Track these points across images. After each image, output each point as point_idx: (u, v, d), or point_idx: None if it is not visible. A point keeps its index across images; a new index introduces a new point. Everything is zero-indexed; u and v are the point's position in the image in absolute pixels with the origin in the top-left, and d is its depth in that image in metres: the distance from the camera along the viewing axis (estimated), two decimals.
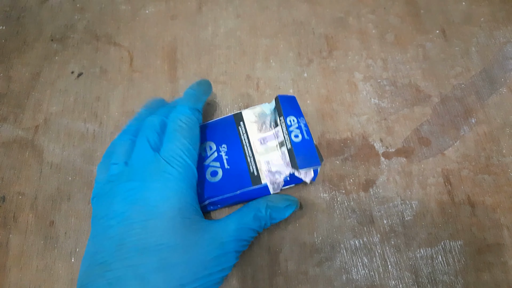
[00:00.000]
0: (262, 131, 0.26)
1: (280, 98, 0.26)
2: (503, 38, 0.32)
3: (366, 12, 0.34)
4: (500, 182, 0.27)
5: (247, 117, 0.26)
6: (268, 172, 0.25)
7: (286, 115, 0.25)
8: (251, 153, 0.25)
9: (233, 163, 0.25)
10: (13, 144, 0.31)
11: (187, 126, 0.24)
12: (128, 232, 0.20)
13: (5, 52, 0.35)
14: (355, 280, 0.25)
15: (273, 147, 0.25)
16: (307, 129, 0.24)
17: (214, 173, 0.25)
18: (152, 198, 0.21)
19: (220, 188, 0.25)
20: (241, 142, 0.26)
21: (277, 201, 0.25)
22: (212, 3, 0.36)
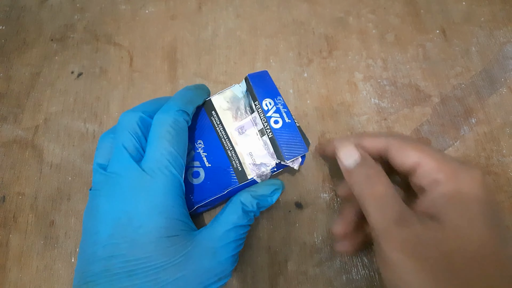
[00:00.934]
0: (238, 119, 0.23)
1: (251, 78, 0.23)
2: (503, 38, 0.32)
3: (366, 12, 0.34)
4: (500, 182, 0.27)
5: (218, 104, 0.24)
6: (253, 165, 0.23)
7: (261, 99, 0.22)
8: (230, 146, 0.23)
9: (214, 160, 0.23)
10: (13, 144, 0.31)
11: (174, 131, 0.21)
12: (114, 253, 0.19)
13: (5, 52, 0.35)
14: (355, 280, 0.25)
15: (253, 135, 0.23)
16: (286, 110, 0.22)
17: (196, 173, 0.23)
18: (135, 217, 0.19)
19: (205, 190, 0.23)
20: (217, 135, 0.23)
21: (262, 189, 0.23)
22: (212, 3, 0.36)
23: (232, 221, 0.22)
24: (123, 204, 0.20)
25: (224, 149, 0.23)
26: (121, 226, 0.19)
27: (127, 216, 0.20)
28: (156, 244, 0.19)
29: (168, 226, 0.20)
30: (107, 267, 0.19)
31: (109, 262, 0.19)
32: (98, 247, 0.20)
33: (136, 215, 0.19)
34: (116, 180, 0.21)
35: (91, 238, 0.20)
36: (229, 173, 0.23)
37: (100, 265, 0.19)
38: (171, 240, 0.20)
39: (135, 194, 0.20)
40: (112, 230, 0.20)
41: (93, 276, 0.19)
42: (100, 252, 0.19)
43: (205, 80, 0.32)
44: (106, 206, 0.20)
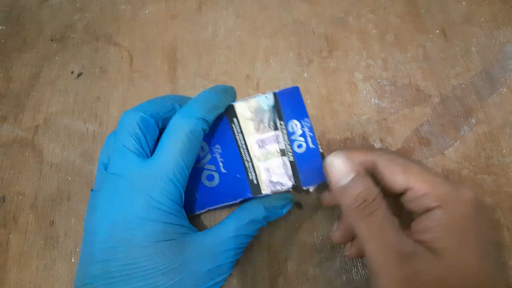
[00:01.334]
0: (259, 131, 0.23)
1: (280, 96, 0.22)
2: (503, 38, 0.32)
3: (366, 12, 0.34)
4: (500, 182, 0.27)
5: (241, 111, 0.23)
6: (269, 181, 0.22)
7: (287, 120, 0.21)
8: (248, 157, 0.23)
9: (230, 168, 0.23)
10: (13, 144, 0.31)
11: (188, 140, 0.20)
12: (111, 256, 0.19)
13: (5, 52, 0.35)
14: (355, 280, 0.25)
15: (273, 152, 0.22)
16: (312, 135, 0.21)
17: (210, 177, 0.23)
18: (133, 220, 0.19)
19: (218, 194, 0.23)
20: (236, 144, 0.23)
21: (274, 201, 0.23)
22: (212, 3, 0.36)
23: (240, 228, 0.21)
24: (120, 207, 0.20)
25: (242, 158, 0.23)
26: (118, 229, 0.19)
27: (124, 219, 0.19)
28: (154, 248, 0.19)
29: (166, 230, 0.19)
30: (105, 269, 0.19)
31: (106, 265, 0.19)
32: (96, 249, 0.19)
33: (133, 219, 0.19)
34: (114, 181, 0.20)
35: (89, 239, 0.20)
36: (243, 183, 0.23)
37: (98, 267, 0.19)
38: (169, 244, 0.19)
39: (132, 197, 0.19)
40: (109, 233, 0.19)
41: (91, 278, 0.19)
42: (97, 254, 0.19)
43: (205, 80, 0.32)
44: (104, 207, 0.20)
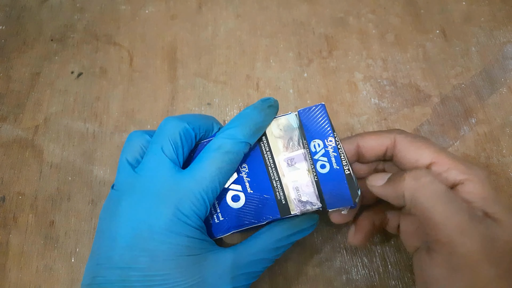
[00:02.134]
0: (288, 150, 0.22)
1: (301, 114, 0.21)
2: (503, 38, 0.32)
3: (366, 12, 0.34)
4: (500, 182, 0.27)
5: (270, 129, 0.22)
6: (298, 201, 0.21)
7: (309, 139, 0.21)
8: (276, 176, 0.22)
9: (257, 187, 0.22)
10: (13, 144, 0.31)
11: (229, 162, 0.20)
12: (132, 264, 0.19)
13: (5, 52, 0.35)
14: (355, 280, 0.25)
15: (303, 170, 0.21)
16: (336, 155, 0.20)
17: (235, 197, 0.22)
18: (157, 231, 0.19)
19: (244, 216, 0.22)
20: (264, 163, 0.22)
21: (301, 223, 0.22)
22: (212, 3, 0.36)
23: (262, 252, 0.21)
24: (147, 214, 0.19)
25: (269, 178, 0.22)
26: (142, 239, 0.19)
27: (149, 228, 0.19)
28: (176, 262, 0.19)
29: (190, 245, 0.19)
30: (123, 277, 0.19)
31: (126, 273, 0.19)
32: (115, 254, 0.19)
33: (159, 230, 0.19)
34: (145, 185, 0.20)
35: (107, 241, 0.20)
36: (271, 203, 0.22)
37: (116, 273, 0.19)
38: (191, 260, 0.19)
39: (161, 207, 0.19)
40: (131, 240, 0.19)
41: (108, 284, 0.19)
42: (117, 259, 0.19)
43: (205, 80, 0.32)
44: (129, 212, 0.19)
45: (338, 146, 0.20)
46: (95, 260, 0.20)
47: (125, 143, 0.22)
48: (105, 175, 0.29)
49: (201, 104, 0.31)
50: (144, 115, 0.31)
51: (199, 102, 0.31)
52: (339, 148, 0.20)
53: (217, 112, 0.31)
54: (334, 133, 0.20)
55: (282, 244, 0.21)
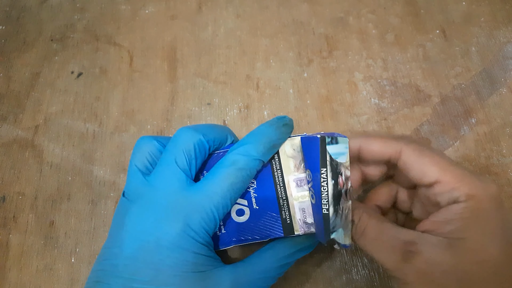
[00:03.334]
0: (299, 170, 0.22)
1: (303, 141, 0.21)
2: (503, 38, 0.32)
3: (366, 12, 0.34)
4: (500, 182, 0.27)
5: (283, 148, 0.22)
6: (303, 222, 0.21)
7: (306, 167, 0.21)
8: (284, 195, 0.22)
9: (263, 204, 0.22)
10: (13, 144, 0.31)
11: (241, 179, 0.20)
12: (136, 276, 0.18)
13: (5, 52, 0.35)
14: (355, 280, 0.25)
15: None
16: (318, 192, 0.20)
17: (240, 212, 0.22)
18: (164, 245, 0.18)
19: (247, 231, 0.22)
20: (273, 180, 0.22)
21: (303, 241, 0.22)
22: (212, 3, 0.36)
23: (267, 271, 0.21)
24: (155, 226, 0.19)
25: (277, 196, 0.22)
26: (147, 251, 0.19)
27: (156, 242, 0.19)
28: (182, 278, 0.18)
29: (196, 261, 0.19)
30: (127, 285, 0.18)
31: (129, 284, 0.18)
32: (120, 263, 0.19)
33: (165, 244, 0.19)
34: (155, 195, 0.20)
35: (114, 249, 0.19)
36: (275, 221, 0.22)
37: (120, 283, 0.18)
38: (196, 276, 0.19)
39: (170, 220, 0.19)
40: (137, 251, 0.19)
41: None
42: (121, 268, 0.19)
43: (205, 80, 0.32)
44: (136, 222, 0.19)
45: (322, 183, 0.20)
46: (100, 265, 0.20)
47: (134, 149, 0.22)
48: (105, 175, 0.29)
49: (201, 104, 0.31)
50: (144, 115, 0.31)
51: (199, 102, 0.31)
52: (322, 185, 0.20)
53: (217, 112, 0.31)
54: (323, 169, 0.20)
55: (284, 262, 0.21)
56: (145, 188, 0.20)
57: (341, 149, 0.20)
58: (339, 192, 0.20)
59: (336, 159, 0.20)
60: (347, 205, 0.20)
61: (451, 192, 0.18)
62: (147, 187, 0.20)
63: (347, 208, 0.20)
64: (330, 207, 0.19)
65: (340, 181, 0.20)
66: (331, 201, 0.19)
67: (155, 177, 0.20)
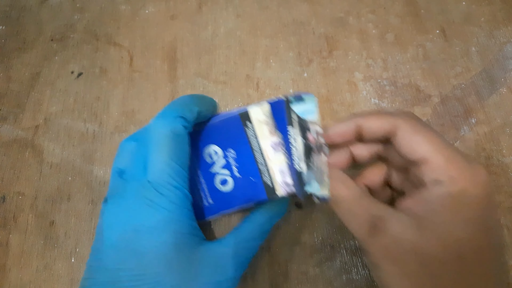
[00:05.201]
0: (274, 135, 0.23)
1: (272, 106, 0.22)
2: (503, 38, 0.32)
3: (366, 12, 0.34)
4: (500, 182, 0.27)
5: (256, 116, 0.23)
6: (284, 183, 0.22)
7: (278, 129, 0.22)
8: (263, 160, 0.22)
9: (244, 172, 0.23)
10: (13, 144, 0.31)
11: (173, 142, 0.20)
12: (121, 265, 0.19)
13: (5, 52, 0.35)
14: (355, 280, 0.25)
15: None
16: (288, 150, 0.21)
17: (224, 181, 0.23)
18: (142, 232, 0.19)
19: (232, 199, 0.23)
20: (250, 148, 0.23)
21: (276, 207, 0.23)
22: (212, 3, 0.36)
23: (248, 240, 0.22)
24: (129, 216, 0.19)
25: (256, 162, 0.23)
26: (128, 239, 0.19)
27: (134, 229, 0.19)
28: (165, 260, 0.19)
29: (177, 242, 0.19)
30: (114, 278, 0.19)
31: (116, 274, 0.19)
32: (104, 256, 0.19)
33: (143, 229, 0.19)
34: (126, 189, 0.20)
35: (98, 244, 0.20)
36: (258, 186, 0.22)
37: (107, 275, 0.19)
38: (180, 256, 0.19)
39: (141, 209, 0.19)
40: (117, 242, 0.19)
41: (99, 285, 0.19)
42: (106, 261, 0.19)
43: (205, 80, 0.32)
44: (113, 215, 0.20)
45: (290, 141, 0.21)
46: (88, 262, 0.20)
47: (116, 154, 0.23)
48: (105, 175, 0.29)
49: None
50: (144, 115, 0.31)
51: None
52: (291, 144, 0.21)
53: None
54: (289, 126, 0.21)
55: (263, 230, 0.22)
56: (119, 185, 0.21)
57: (308, 107, 0.22)
58: (310, 149, 0.21)
59: (304, 118, 0.21)
60: (321, 159, 0.21)
61: (437, 172, 0.18)
62: (120, 184, 0.21)
63: (321, 162, 0.21)
64: (301, 163, 0.21)
65: (310, 138, 0.21)
66: (301, 157, 0.21)
67: (127, 173, 0.21)
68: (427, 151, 0.19)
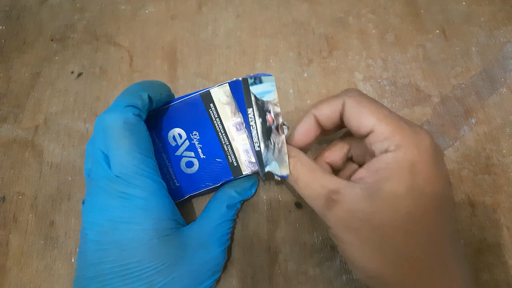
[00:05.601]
0: (236, 115, 0.23)
1: (231, 86, 0.22)
2: (503, 38, 0.32)
3: (366, 12, 0.34)
4: (500, 182, 0.27)
5: (218, 97, 0.23)
6: (249, 162, 0.23)
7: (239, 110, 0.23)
8: (227, 141, 0.23)
9: (209, 153, 0.23)
10: (13, 144, 0.31)
11: (129, 132, 0.19)
12: (103, 258, 0.19)
13: (5, 52, 0.35)
14: (355, 280, 0.25)
15: None
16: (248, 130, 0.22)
17: (189, 163, 0.23)
18: (120, 223, 0.19)
19: (199, 180, 0.23)
20: (214, 129, 0.23)
21: (243, 184, 0.25)
22: (212, 3, 0.36)
23: (221, 215, 0.23)
24: (104, 212, 0.20)
25: (220, 142, 0.23)
26: (106, 232, 0.19)
27: (110, 222, 0.19)
28: (147, 247, 0.19)
29: (157, 227, 0.19)
30: (98, 272, 0.19)
31: (99, 267, 0.19)
32: (88, 253, 0.20)
33: (121, 221, 0.19)
34: (95, 187, 0.20)
35: (82, 244, 0.20)
36: (224, 166, 0.23)
37: (91, 270, 0.19)
38: (161, 241, 0.19)
39: (113, 201, 0.19)
40: (97, 237, 0.19)
41: (86, 281, 0.19)
42: (89, 257, 0.19)
43: (205, 80, 0.32)
44: (89, 213, 0.20)
45: (249, 121, 0.21)
46: (76, 261, 0.21)
47: (85, 155, 0.23)
48: None
49: None
50: None
51: None
52: (251, 125, 0.21)
53: None
54: (249, 109, 0.21)
55: (232, 203, 0.24)
56: (89, 185, 0.21)
57: (267, 88, 0.22)
58: (269, 129, 0.21)
59: (262, 98, 0.21)
60: (280, 139, 0.22)
61: (383, 141, 0.19)
62: (90, 184, 0.21)
63: (280, 142, 0.22)
64: (260, 143, 0.21)
65: (269, 118, 0.22)
66: (260, 138, 0.21)
67: (92, 173, 0.21)
68: (372, 122, 0.19)
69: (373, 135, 0.19)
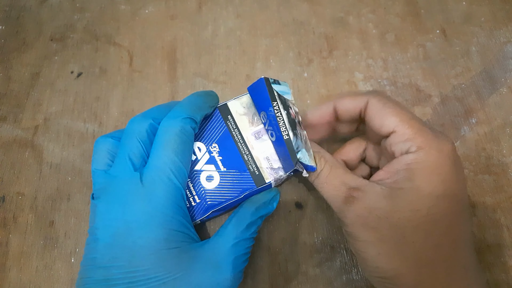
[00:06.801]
0: (254, 124, 0.23)
1: (250, 91, 0.23)
2: (503, 38, 0.32)
3: (366, 12, 0.34)
4: (500, 182, 0.27)
5: (234, 109, 0.24)
6: (270, 169, 0.23)
7: (259, 111, 0.23)
8: (247, 150, 0.23)
9: (230, 164, 0.23)
10: (13, 144, 0.31)
11: (180, 140, 0.20)
12: (113, 263, 0.19)
13: (5, 52, 0.35)
14: (355, 280, 0.25)
15: (269, 141, 0.23)
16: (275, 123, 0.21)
17: (209, 178, 0.23)
18: (134, 228, 0.19)
19: (220, 194, 0.23)
20: (233, 139, 0.23)
21: (263, 198, 0.24)
22: (212, 3, 0.36)
23: (237, 235, 0.21)
24: (122, 213, 0.19)
25: (240, 153, 0.23)
26: (120, 236, 0.19)
27: (126, 225, 0.19)
28: (156, 256, 0.19)
29: (168, 238, 0.19)
30: (107, 276, 0.19)
31: (108, 272, 0.19)
32: (97, 255, 0.19)
33: (135, 226, 0.19)
34: (116, 186, 0.20)
35: (92, 244, 0.20)
36: (245, 177, 0.23)
37: (100, 273, 0.19)
38: (171, 253, 0.19)
39: (134, 204, 0.19)
40: (110, 239, 0.19)
41: (93, 284, 0.19)
42: (99, 260, 0.19)
43: (205, 80, 0.32)
44: (105, 213, 0.20)
45: (276, 114, 0.21)
46: (82, 262, 0.20)
47: (93, 153, 0.23)
48: None
49: None
50: None
51: None
52: (277, 116, 0.21)
53: None
54: (274, 102, 0.21)
55: (252, 221, 0.22)
56: (107, 182, 0.21)
57: (284, 89, 0.23)
58: (293, 121, 0.22)
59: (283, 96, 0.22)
60: (303, 133, 0.23)
61: (405, 143, 0.19)
62: (108, 181, 0.21)
63: (304, 136, 0.22)
64: (289, 131, 0.21)
65: (292, 112, 0.22)
66: (288, 127, 0.21)
67: (114, 169, 0.21)
68: (395, 123, 0.20)
69: (395, 135, 0.20)
